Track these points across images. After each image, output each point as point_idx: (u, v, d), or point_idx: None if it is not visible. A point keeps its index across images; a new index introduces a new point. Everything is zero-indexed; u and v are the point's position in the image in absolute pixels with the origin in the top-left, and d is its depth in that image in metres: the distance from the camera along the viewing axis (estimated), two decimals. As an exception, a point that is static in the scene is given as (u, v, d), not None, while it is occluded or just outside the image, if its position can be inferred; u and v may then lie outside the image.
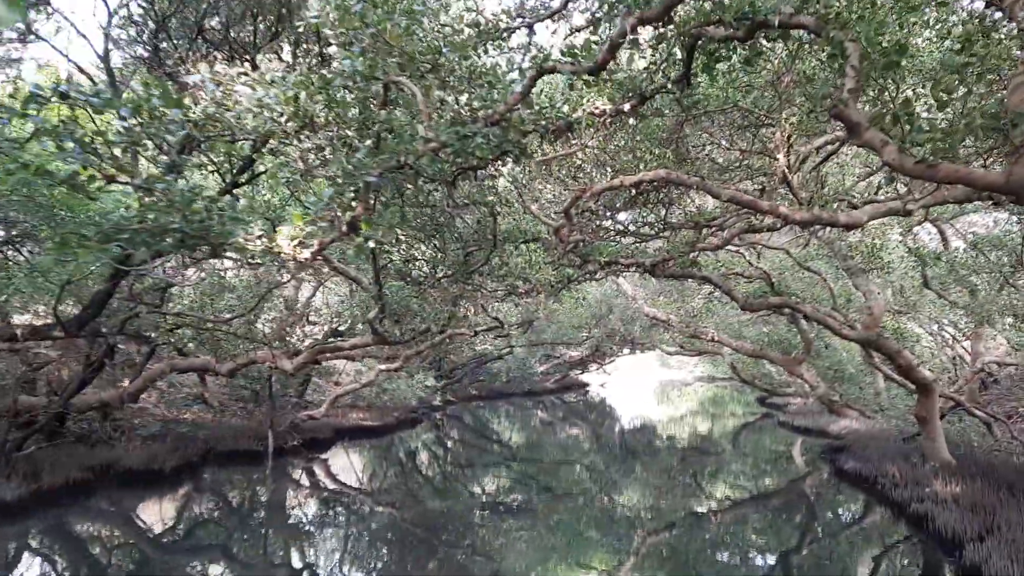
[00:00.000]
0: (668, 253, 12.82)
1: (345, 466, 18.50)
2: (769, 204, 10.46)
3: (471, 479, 18.52)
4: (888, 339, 15.08)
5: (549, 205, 14.43)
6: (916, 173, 5.79)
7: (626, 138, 12.25)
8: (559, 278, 17.51)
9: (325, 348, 16.06)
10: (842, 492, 15.38)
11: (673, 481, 17.98)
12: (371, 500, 15.12)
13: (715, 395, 51.59)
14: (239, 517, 13.06)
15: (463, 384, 36.22)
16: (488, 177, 9.85)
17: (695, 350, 39.05)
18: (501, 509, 14.84)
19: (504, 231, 14.27)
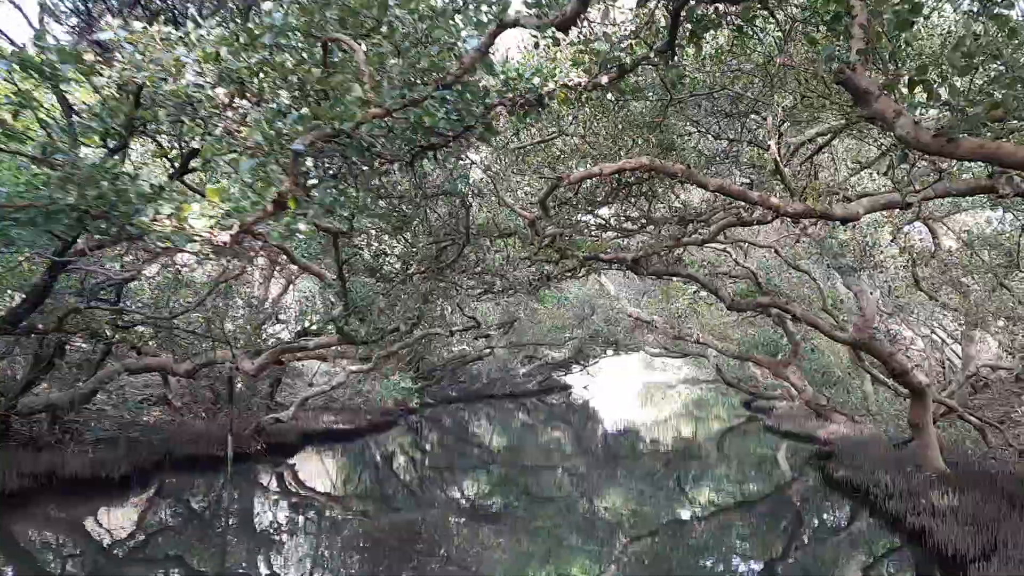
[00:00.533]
0: (651, 248, 12.03)
1: (312, 472, 17.60)
2: (759, 195, 9.70)
3: (447, 484, 17.69)
4: (881, 341, 14.37)
5: (527, 199, 13.62)
6: (934, 148, 5.02)
7: (607, 126, 11.47)
8: (538, 275, 16.72)
9: (288, 348, 15.18)
10: (833, 502, 14.63)
11: (656, 488, 17.21)
12: (339, 507, 14.27)
13: (699, 398, 50.97)
14: (190, 529, 12.14)
15: (442, 386, 35.32)
16: (453, 158, 9.01)
17: (679, 352, 38.41)
18: (479, 515, 14.20)
19: (479, 225, 13.44)
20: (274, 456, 18.03)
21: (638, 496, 16.23)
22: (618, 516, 14.24)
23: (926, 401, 14.45)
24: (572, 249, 11.66)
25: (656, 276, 17.26)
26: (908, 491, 12.61)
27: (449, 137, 6.68)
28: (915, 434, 14.69)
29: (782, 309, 14.83)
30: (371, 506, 14.74)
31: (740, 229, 21.47)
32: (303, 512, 13.78)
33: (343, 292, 12.67)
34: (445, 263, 13.62)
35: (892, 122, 5.02)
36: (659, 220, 13.29)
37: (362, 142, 5.38)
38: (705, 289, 15.31)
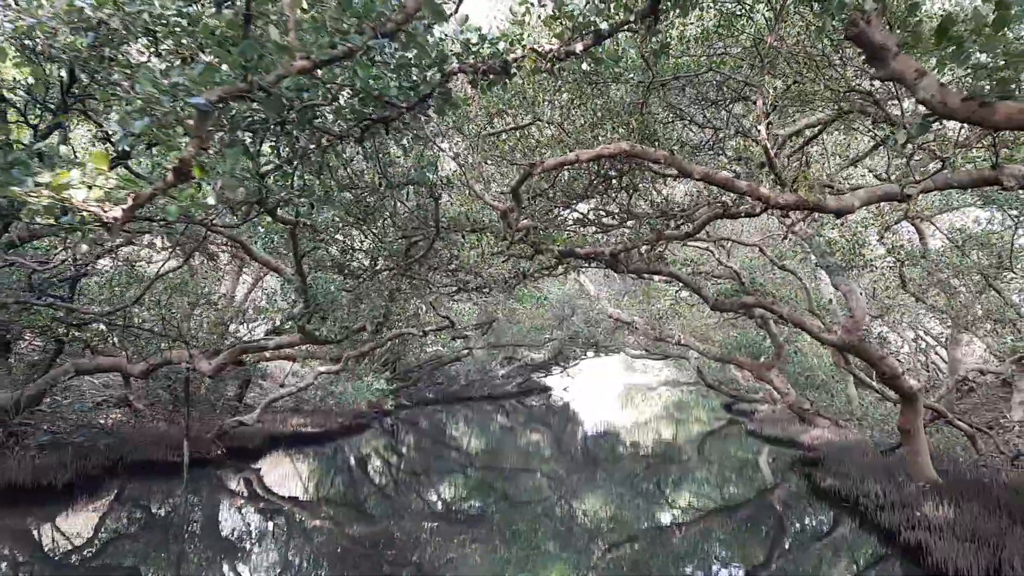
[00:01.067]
0: (631, 242, 11.22)
1: (278, 477, 16.66)
2: (747, 184, 8.91)
3: (421, 488, 16.83)
4: (871, 344, 13.65)
5: (501, 189, 12.78)
6: (963, 114, 4.24)
7: (585, 113, 10.67)
8: (513, 273, 15.90)
9: (247, 348, 14.24)
10: (820, 513, 13.88)
11: (635, 496, 16.40)
12: (305, 514, 13.37)
13: (680, 400, 50.32)
14: (134, 540, 11.19)
15: (419, 387, 34.41)
16: (411, 136, 8.17)
17: (660, 354, 37.72)
18: (454, 520, 13.54)
19: (450, 218, 12.59)
20: (237, 461, 17.08)
21: (617, 503, 15.45)
22: (597, 522, 13.60)
23: (917, 407, 13.75)
24: (547, 243, 10.82)
25: (636, 274, 16.50)
26: (900, 502, 11.89)
27: (402, 108, 5.84)
28: (905, 441, 13.99)
29: (768, 309, 14.08)
30: (340, 512, 13.87)
31: (723, 227, 20.80)
32: (265, 520, 12.88)
33: (303, 288, 11.77)
34: (414, 258, 12.74)
35: (913, 84, 4.23)
36: (640, 215, 12.50)
37: (283, 99, 4.50)
38: (687, 288, 14.55)
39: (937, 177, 9.32)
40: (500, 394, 40.82)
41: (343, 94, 5.89)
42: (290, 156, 7.02)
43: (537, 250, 10.95)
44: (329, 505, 14.41)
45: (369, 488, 16.60)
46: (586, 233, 12.93)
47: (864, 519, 12.07)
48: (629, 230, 12.20)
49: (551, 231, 11.21)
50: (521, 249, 11.47)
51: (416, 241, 13.87)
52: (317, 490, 15.69)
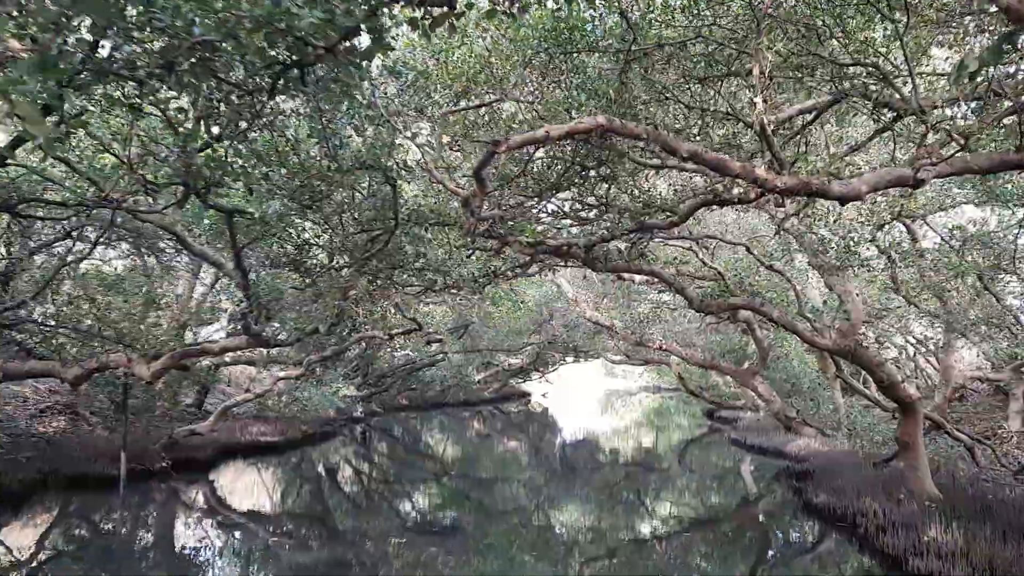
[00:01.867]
0: (609, 232, 10.02)
1: (227, 491, 15.29)
2: (741, 165, 7.76)
3: (389, 500, 15.59)
4: (867, 349, 12.55)
5: (465, 178, 11.55)
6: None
7: (559, 90, 9.49)
8: (483, 271, 14.67)
9: (188, 352, 12.89)
10: (814, 533, 12.68)
11: (615, 508, 15.20)
12: (257, 531, 12.12)
13: (660, 406, 49.26)
14: (51, 565, 9.83)
15: (391, 393, 33.06)
16: (338, 91, 6.94)
17: (641, 359, 36.61)
18: (425, 533, 12.63)
19: (410, 209, 11.34)
20: (185, 473, 15.69)
21: (596, 517, 14.35)
22: (575, 534, 12.85)
23: (916, 417, 12.67)
24: (514, 235, 9.59)
25: (615, 273, 15.33)
26: (902, 522, 10.75)
27: (321, 50, 4.61)
28: (903, 453, 12.90)
29: (757, 312, 12.94)
30: (295, 529, 12.59)
31: (708, 224, 19.67)
32: (211, 537, 11.57)
33: (244, 285, 10.48)
34: (370, 253, 11.48)
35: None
36: (620, 208, 11.31)
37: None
38: (670, 288, 13.40)
39: (954, 160, 8.20)
40: (477, 400, 39.51)
41: (242, 29, 4.63)
42: (204, 112, 5.77)
43: (504, 242, 9.71)
44: (283, 521, 13.10)
45: (331, 501, 15.30)
46: (561, 227, 11.72)
47: (864, 542, 10.90)
48: (607, 222, 10.99)
49: (520, 221, 9.97)
50: (485, 242, 10.20)
51: (377, 235, 12.63)
52: (270, 505, 14.36)
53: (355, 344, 20.13)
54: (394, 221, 11.06)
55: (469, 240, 9.57)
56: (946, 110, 8.99)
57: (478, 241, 10.28)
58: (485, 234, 9.77)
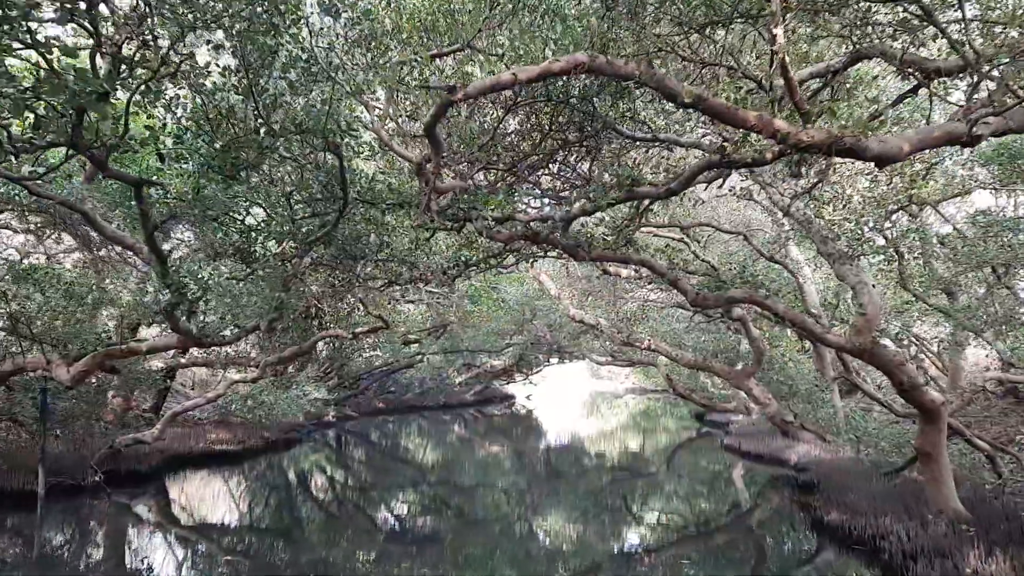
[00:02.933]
0: (592, 205, 8.36)
1: (165, 508, 13.52)
2: (758, 115, 6.14)
3: (355, 512, 14.06)
4: (886, 347, 10.96)
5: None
6: None
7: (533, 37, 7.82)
8: (454, 263, 13.02)
9: (112, 352, 11.15)
10: (831, 563, 10.95)
11: (599, 524, 13.57)
12: (201, 548, 10.53)
13: (647, 408, 47.65)
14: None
15: (367, 396, 31.30)
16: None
17: (627, 360, 35.04)
18: (399, 543, 11.71)
19: (363, 186, 9.66)
20: (125, 487, 13.95)
21: (580, 527, 12.88)
22: (559, 544, 11.94)
23: (940, 424, 11.10)
24: (477, 210, 7.90)
25: (600, 266, 13.71)
26: (933, 547, 9.18)
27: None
28: (924, 464, 11.32)
29: (761, 306, 11.32)
30: (243, 546, 10.96)
31: (698, 216, 18.06)
32: (130, 562, 9.84)
33: (162, 272, 8.77)
34: (314, 237, 9.79)
35: None
36: (606, 185, 9.68)
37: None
38: (663, 279, 11.76)
39: (1015, 113, 6.62)
40: (458, 403, 37.76)
41: None
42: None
43: (465, 218, 8.02)
44: (226, 540, 11.41)
45: (287, 515, 13.60)
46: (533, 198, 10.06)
47: (890, 572, 9.28)
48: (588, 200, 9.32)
49: (484, 193, 8.28)
50: (442, 221, 8.50)
51: (330, 218, 10.96)
52: (214, 521, 12.63)
53: (319, 344, 18.39)
54: (343, 199, 9.39)
55: (427, 218, 7.89)
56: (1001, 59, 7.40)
57: (440, 222, 8.57)
58: (445, 212, 8.10)
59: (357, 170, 10.11)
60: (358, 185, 9.60)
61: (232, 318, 10.87)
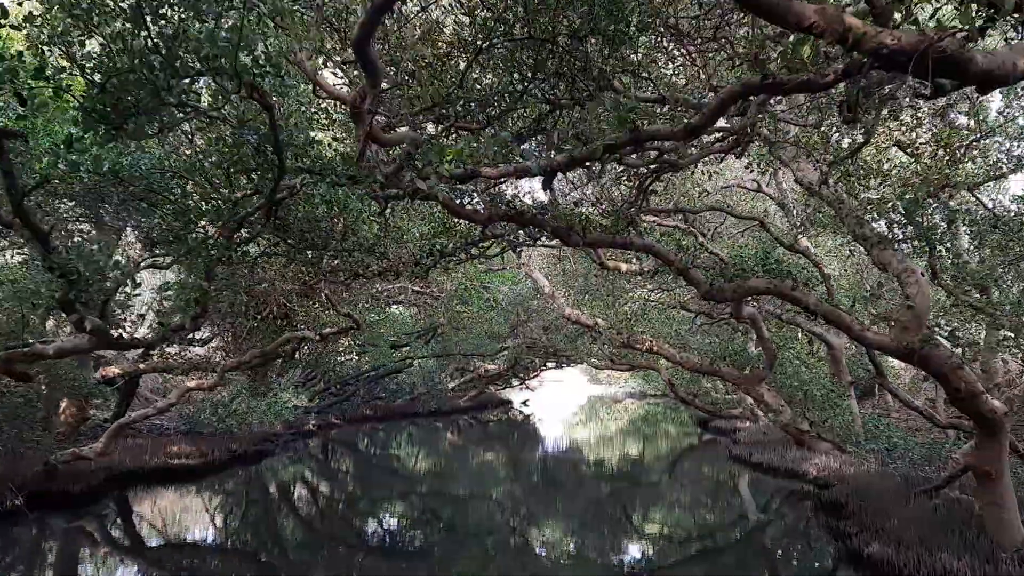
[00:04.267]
0: (586, 151, 6.39)
1: (91, 537, 11.55)
2: (818, 9, 4.23)
3: (327, 538, 11.97)
4: (939, 348, 9.03)
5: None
6: None
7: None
8: (427, 251, 11.11)
9: (13, 355, 9.19)
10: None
11: (600, 546, 11.63)
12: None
13: (648, 414, 45.63)
14: None
15: (354, 403, 29.32)
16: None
17: (627, 364, 33.11)
18: (383, 559, 10.81)
19: (296, 148, 7.72)
20: (59, 510, 12.05)
21: (579, 537, 10.94)
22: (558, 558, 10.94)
23: (1001, 437, 9.22)
24: (431, 163, 5.93)
25: (596, 247, 11.82)
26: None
27: None
28: (982, 485, 9.42)
29: (787, 297, 9.39)
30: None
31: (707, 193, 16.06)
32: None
33: (43, 253, 6.85)
34: (243, 215, 7.85)
35: None
36: (600, 118, 7.74)
37: None
38: (669, 267, 9.85)
39: None
40: (451, 409, 35.71)
41: None
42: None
43: (419, 174, 6.04)
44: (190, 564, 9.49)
45: (245, 540, 11.65)
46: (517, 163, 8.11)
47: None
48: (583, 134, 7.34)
49: (439, 143, 6.29)
50: (389, 178, 6.49)
51: (282, 198, 9.06)
52: (147, 555, 10.68)
53: (302, 347, 16.45)
54: (278, 166, 7.45)
55: (363, 174, 5.92)
56: None
57: (382, 179, 6.60)
58: (394, 175, 6.15)
59: (305, 137, 8.19)
60: (298, 150, 7.67)
61: (159, 315, 8.95)
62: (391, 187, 7.43)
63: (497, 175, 6.10)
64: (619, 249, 11.25)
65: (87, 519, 12.25)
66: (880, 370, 12.99)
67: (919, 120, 10.21)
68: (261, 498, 15.40)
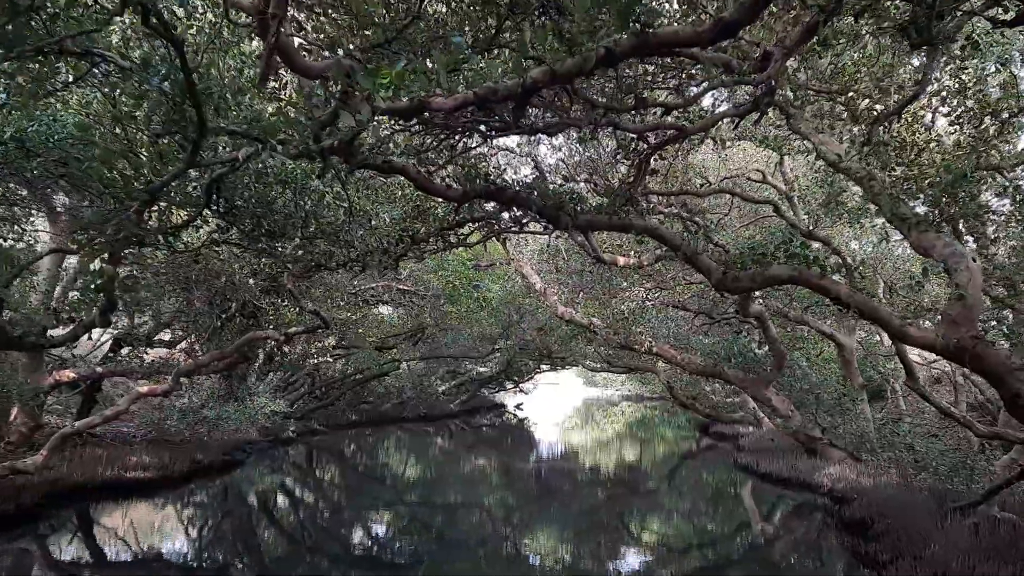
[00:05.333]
0: (569, 41, 4.87)
1: (22, 564, 10.06)
2: None
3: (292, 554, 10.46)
4: (994, 348, 7.57)
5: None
6: None
7: None
8: (397, 238, 9.66)
9: None
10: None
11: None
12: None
13: (644, 417, 44.20)
14: None
15: (338, 407, 27.80)
16: None
17: (624, 366, 31.69)
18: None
19: (218, 97, 6.23)
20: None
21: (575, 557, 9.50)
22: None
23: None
24: (362, 86, 4.37)
25: (589, 231, 10.37)
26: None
27: None
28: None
29: (814, 287, 7.92)
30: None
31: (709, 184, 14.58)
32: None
33: None
34: (159, 184, 6.36)
35: None
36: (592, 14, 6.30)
37: None
38: (675, 253, 8.39)
39: None
40: (441, 414, 34.15)
41: None
42: None
43: (342, 100, 4.51)
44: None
45: (194, 567, 10.13)
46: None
47: None
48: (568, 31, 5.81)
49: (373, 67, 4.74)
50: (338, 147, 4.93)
51: (222, 172, 7.61)
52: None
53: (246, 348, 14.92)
54: (198, 123, 5.96)
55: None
56: None
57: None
58: (326, 118, 4.65)
59: (232, 86, 6.70)
60: (220, 103, 6.19)
61: (60, 309, 7.47)
62: (342, 156, 5.97)
63: (453, 106, 4.58)
64: (616, 231, 9.79)
65: (12, 543, 10.71)
66: (912, 372, 11.51)
67: (981, 68, 8.68)
68: (218, 516, 13.82)
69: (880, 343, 25.04)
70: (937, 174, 8.24)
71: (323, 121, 4.88)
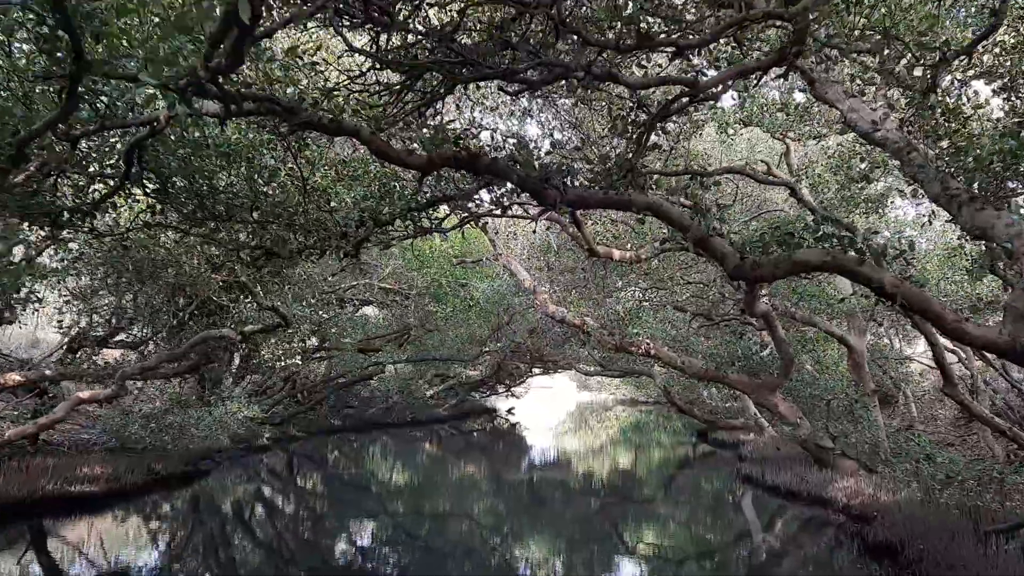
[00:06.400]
0: None
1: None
2: None
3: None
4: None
5: None
6: None
7: None
8: (359, 219, 8.25)
9: None
10: None
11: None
12: None
13: (639, 422, 42.80)
14: None
15: (320, 413, 26.35)
16: None
17: (619, 370, 30.33)
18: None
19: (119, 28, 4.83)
20: None
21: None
22: None
23: None
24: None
25: (582, 209, 9.00)
26: None
27: None
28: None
29: (852, 275, 6.53)
30: None
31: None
32: None
33: None
34: (31, 132, 4.95)
35: None
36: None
37: None
38: (683, 235, 7.02)
39: None
40: (429, 418, 32.71)
41: None
42: None
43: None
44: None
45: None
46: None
47: None
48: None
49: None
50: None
51: (142, 137, 6.30)
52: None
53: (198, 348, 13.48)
54: (75, 55, 4.55)
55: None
56: None
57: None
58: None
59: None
60: (111, 29, 4.77)
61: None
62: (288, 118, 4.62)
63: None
64: (613, 209, 8.43)
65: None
66: (950, 378, 10.15)
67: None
68: (168, 535, 12.30)
69: (889, 346, 23.72)
70: (993, 143, 6.87)
71: (214, 36, 3.50)
